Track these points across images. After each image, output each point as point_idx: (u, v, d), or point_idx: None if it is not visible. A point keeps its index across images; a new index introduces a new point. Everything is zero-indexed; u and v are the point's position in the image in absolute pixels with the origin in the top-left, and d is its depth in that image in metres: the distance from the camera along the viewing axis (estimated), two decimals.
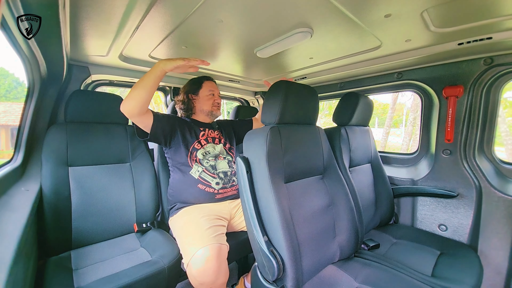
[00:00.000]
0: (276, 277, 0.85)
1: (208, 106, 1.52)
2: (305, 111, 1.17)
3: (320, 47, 1.28)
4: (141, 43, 1.20)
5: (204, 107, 1.52)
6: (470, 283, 0.99)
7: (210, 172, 1.37)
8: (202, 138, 1.45)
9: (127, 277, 0.95)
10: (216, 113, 1.55)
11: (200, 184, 1.33)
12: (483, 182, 1.35)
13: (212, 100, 1.53)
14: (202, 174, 1.35)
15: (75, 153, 1.29)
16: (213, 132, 1.53)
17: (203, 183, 1.34)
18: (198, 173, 1.35)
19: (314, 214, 1.08)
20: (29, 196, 1.00)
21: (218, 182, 1.36)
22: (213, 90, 1.54)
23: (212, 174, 1.37)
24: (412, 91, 1.72)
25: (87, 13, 0.86)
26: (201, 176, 1.35)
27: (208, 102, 1.52)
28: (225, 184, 1.38)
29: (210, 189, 1.33)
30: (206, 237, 1.08)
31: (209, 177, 1.36)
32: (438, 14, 0.92)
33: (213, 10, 0.87)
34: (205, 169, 1.37)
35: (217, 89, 1.58)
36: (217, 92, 1.57)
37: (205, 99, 1.52)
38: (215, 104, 1.54)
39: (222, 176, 1.39)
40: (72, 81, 1.47)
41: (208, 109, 1.52)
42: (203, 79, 1.58)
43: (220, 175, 1.39)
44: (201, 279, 1.02)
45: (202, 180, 1.34)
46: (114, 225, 1.33)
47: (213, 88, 1.55)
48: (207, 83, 1.55)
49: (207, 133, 1.49)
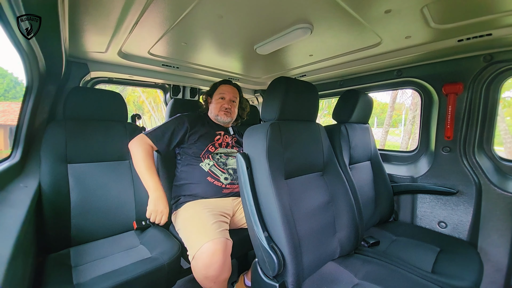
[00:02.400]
0: (276, 273, 0.85)
1: (215, 110, 1.51)
2: (305, 108, 1.17)
3: (320, 44, 1.28)
4: (140, 39, 1.19)
5: (213, 110, 1.53)
6: (471, 279, 0.99)
7: (220, 167, 1.38)
8: (217, 142, 1.45)
9: (127, 274, 0.95)
10: (223, 118, 1.51)
11: (210, 177, 1.35)
12: (483, 179, 1.36)
13: (220, 104, 1.51)
14: (212, 167, 1.37)
15: (74, 150, 1.28)
16: (228, 137, 1.53)
17: (213, 176, 1.35)
18: (208, 166, 1.37)
19: (314, 211, 1.08)
20: (28, 193, 0.99)
21: (227, 177, 1.38)
22: (223, 93, 1.52)
23: (222, 169, 1.38)
24: (411, 89, 1.72)
25: (85, 7, 0.86)
26: (211, 170, 1.36)
27: (216, 106, 1.51)
28: (233, 180, 1.40)
29: (218, 183, 1.35)
30: (212, 231, 1.08)
31: (219, 171, 1.37)
32: (438, 10, 0.92)
33: (213, 5, 0.86)
34: (216, 163, 1.38)
35: (230, 93, 1.53)
36: (228, 96, 1.53)
37: (215, 103, 1.52)
38: (222, 109, 1.50)
39: (232, 173, 1.40)
40: (71, 78, 1.46)
41: (215, 113, 1.51)
42: (220, 82, 1.58)
43: (230, 171, 1.40)
44: (207, 272, 1.02)
45: (212, 174, 1.36)
46: (114, 222, 1.32)
47: (224, 91, 1.53)
48: (221, 87, 1.55)
49: (223, 138, 1.49)
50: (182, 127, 1.41)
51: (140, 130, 1.54)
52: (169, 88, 2.13)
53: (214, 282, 1.05)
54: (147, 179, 1.27)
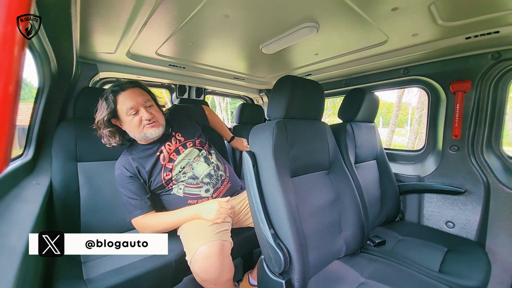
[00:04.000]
0: (282, 269, 0.85)
1: (136, 130, 1.13)
2: (311, 106, 1.17)
3: (326, 43, 1.28)
4: (148, 40, 1.21)
5: (134, 132, 1.15)
6: (478, 279, 0.98)
7: (192, 184, 1.23)
8: (166, 163, 1.21)
9: (135, 270, 0.97)
10: (153, 133, 1.15)
11: (190, 199, 1.23)
12: (491, 178, 1.34)
13: (136, 118, 1.11)
14: (185, 189, 1.22)
15: (84, 149, 1.31)
16: (170, 144, 1.25)
17: (192, 197, 1.23)
18: (181, 190, 1.22)
19: (320, 209, 1.08)
20: (40, 190, 1.02)
21: (208, 188, 1.24)
22: (129, 103, 1.10)
23: (196, 185, 1.23)
24: (418, 87, 1.70)
25: (97, 8, 0.88)
26: (186, 192, 1.22)
27: (133, 125, 1.12)
28: (216, 185, 1.27)
29: (202, 200, 1.23)
30: (208, 234, 1.05)
31: (194, 189, 1.23)
32: (445, 7, 0.91)
33: (221, 4, 0.88)
34: (186, 183, 1.22)
35: (136, 98, 1.12)
36: (139, 103, 1.12)
37: (128, 123, 1.13)
38: (144, 123, 1.13)
39: (208, 180, 1.25)
40: (81, 78, 1.50)
41: (139, 133, 1.14)
42: (112, 93, 1.11)
43: (205, 180, 1.24)
44: (204, 276, 1.00)
45: (190, 195, 1.23)
46: (121, 219, 1.34)
47: (129, 99, 1.11)
48: (120, 98, 1.11)
49: (166, 151, 1.23)
50: (136, 179, 1.17)
51: None
52: (175, 88, 2.16)
53: (214, 284, 1.04)
54: (179, 220, 1.14)
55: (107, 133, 1.15)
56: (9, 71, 0.16)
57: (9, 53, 0.16)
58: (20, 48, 0.16)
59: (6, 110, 0.16)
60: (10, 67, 0.16)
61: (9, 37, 0.16)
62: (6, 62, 0.16)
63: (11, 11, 0.16)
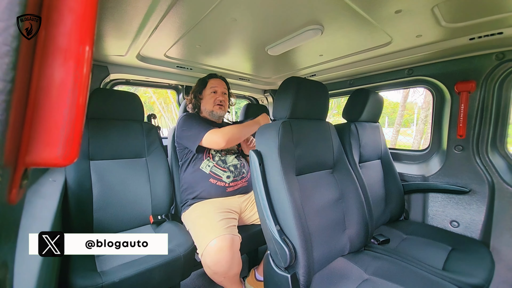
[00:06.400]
0: (288, 264, 0.88)
1: (210, 105, 1.50)
2: (315, 107, 1.20)
3: (330, 44, 1.30)
4: (158, 43, 1.26)
5: (207, 106, 1.51)
6: (482, 276, 0.99)
7: (220, 166, 1.40)
8: None
9: (146, 263, 1.01)
10: (218, 112, 1.50)
11: (212, 178, 1.37)
12: (496, 178, 1.34)
13: (213, 98, 1.49)
14: (213, 168, 1.39)
15: (96, 148, 1.36)
16: None
17: (214, 177, 1.38)
18: (209, 168, 1.39)
19: (324, 207, 1.10)
20: (56, 187, 1.07)
21: (229, 175, 1.40)
22: (215, 86, 1.51)
23: (222, 168, 1.40)
24: (423, 87, 1.71)
25: (112, 13, 0.92)
26: (212, 171, 1.39)
27: (209, 100, 1.50)
28: (236, 177, 1.42)
29: (221, 183, 1.37)
30: (218, 228, 1.12)
31: (220, 171, 1.39)
32: (449, 9, 0.93)
33: (229, 8, 0.91)
34: (215, 163, 1.40)
35: (221, 86, 1.53)
36: (220, 90, 1.52)
37: (207, 98, 1.51)
38: (216, 102, 1.49)
39: (233, 169, 1.43)
40: (93, 80, 1.55)
41: (210, 108, 1.50)
42: (208, 77, 1.55)
43: (231, 168, 1.42)
44: (215, 268, 1.06)
45: (213, 175, 1.38)
46: (132, 216, 1.39)
47: (216, 85, 1.52)
48: (211, 81, 1.53)
49: None
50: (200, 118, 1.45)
51: (155, 129, 1.61)
52: (182, 89, 2.20)
53: (224, 277, 1.09)
54: (248, 129, 1.38)
55: (193, 100, 1.55)
56: (82, 85, 0.20)
57: (86, 69, 0.21)
58: (88, 65, 0.20)
59: (80, 114, 0.20)
60: (84, 81, 0.21)
61: (82, 56, 0.20)
62: (81, 76, 0.20)
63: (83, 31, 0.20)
